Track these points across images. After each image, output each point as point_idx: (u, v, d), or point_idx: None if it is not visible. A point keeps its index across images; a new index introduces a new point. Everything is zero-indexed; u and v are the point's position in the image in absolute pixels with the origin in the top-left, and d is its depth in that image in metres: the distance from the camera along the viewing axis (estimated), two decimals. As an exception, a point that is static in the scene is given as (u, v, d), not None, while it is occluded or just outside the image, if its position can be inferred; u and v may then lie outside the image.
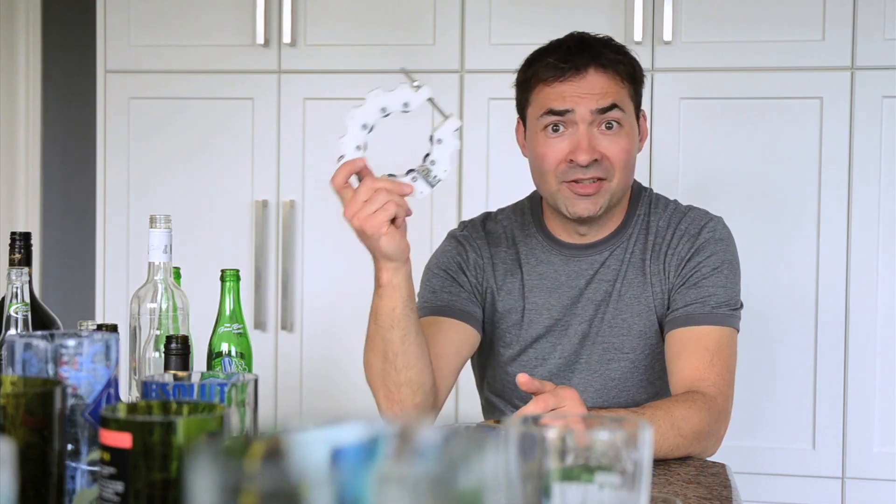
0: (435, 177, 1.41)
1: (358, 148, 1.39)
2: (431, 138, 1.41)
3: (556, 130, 1.62)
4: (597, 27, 2.34)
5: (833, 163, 2.30)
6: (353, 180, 1.41)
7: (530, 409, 1.27)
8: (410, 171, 1.41)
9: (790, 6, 2.31)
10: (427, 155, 1.41)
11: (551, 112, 1.62)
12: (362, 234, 1.41)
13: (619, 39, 2.31)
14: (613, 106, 1.61)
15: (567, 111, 1.60)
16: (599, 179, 1.62)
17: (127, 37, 2.55)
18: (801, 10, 2.31)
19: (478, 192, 2.42)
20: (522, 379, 1.30)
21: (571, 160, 1.60)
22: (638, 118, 1.68)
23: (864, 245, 2.29)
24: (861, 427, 2.29)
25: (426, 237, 2.44)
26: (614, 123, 1.61)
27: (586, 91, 1.60)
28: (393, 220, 1.40)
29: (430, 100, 1.39)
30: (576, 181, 1.61)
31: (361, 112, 1.38)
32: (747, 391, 2.28)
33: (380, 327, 1.52)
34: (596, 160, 1.60)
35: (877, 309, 2.29)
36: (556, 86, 1.62)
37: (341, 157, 1.39)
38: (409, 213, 1.42)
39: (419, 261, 2.19)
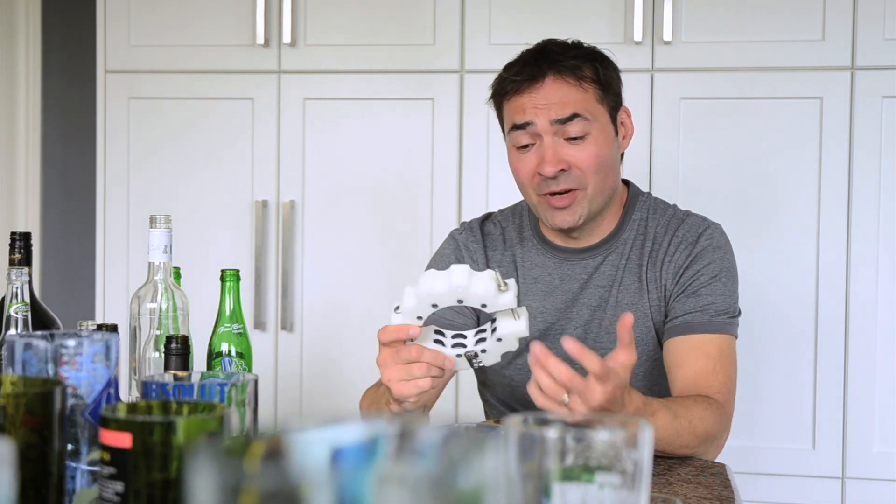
0: (480, 363, 1.35)
1: (419, 318, 1.31)
2: (493, 324, 1.32)
3: (525, 145, 1.62)
4: (596, 27, 2.35)
5: (833, 163, 2.30)
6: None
7: (556, 374, 1.22)
8: (458, 345, 1.33)
9: (790, 6, 2.31)
10: (482, 338, 1.33)
11: (515, 127, 1.61)
12: (391, 390, 1.35)
13: (618, 39, 2.34)
14: (574, 116, 1.58)
15: (528, 124, 1.59)
16: (572, 190, 1.60)
17: (127, 37, 2.55)
18: (801, 10, 2.31)
19: (478, 192, 2.42)
20: (567, 342, 1.21)
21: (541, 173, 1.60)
22: (615, 119, 1.65)
23: (864, 245, 2.29)
24: (861, 427, 2.29)
25: (426, 237, 2.44)
26: (580, 133, 1.59)
27: (543, 101, 1.58)
28: None
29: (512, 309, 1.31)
30: (551, 194, 1.61)
31: (438, 289, 1.27)
32: (748, 391, 2.28)
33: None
34: (563, 170, 1.59)
35: (877, 309, 2.29)
36: (515, 99, 1.61)
37: (397, 307, 1.31)
38: (442, 383, 1.36)
39: (419, 261, 2.20)
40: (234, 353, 1.49)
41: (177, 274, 1.56)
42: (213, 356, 1.50)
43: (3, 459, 0.57)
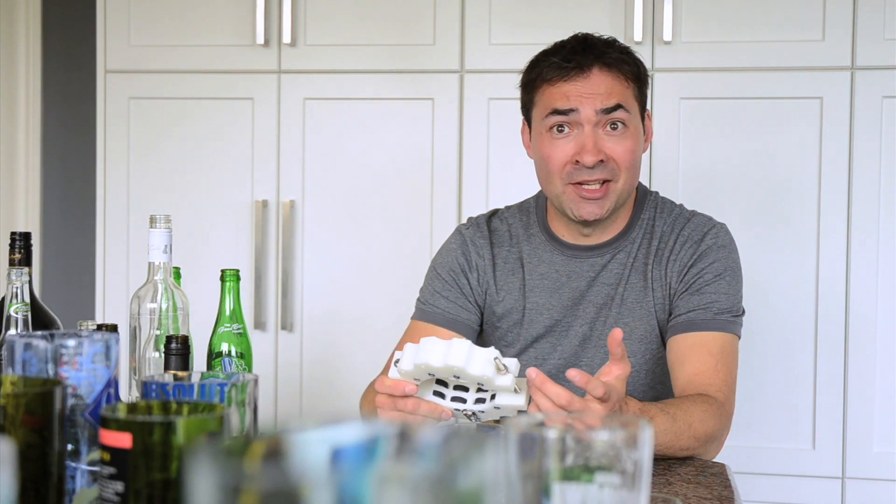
0: (477, 420, 1.36)
1: (416, 380, 1.32)
2: (493, 392, 1.32)
3: (560, 131, 1.62)
4: (597, 27, 2.34)
5: (833, 163, 2.30)
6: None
7: (561, 398, 1.23)
8: (458, 399, 1.34)
9: (790, 6, 2.31)
10: (481, 399, 1.34)
11: (556, 112, 1.61)
12: None
13: (618, 39, 2.34)
14: (618, 106, 1.60)
15: (571, 111, 1.60)
16: (606, 181, 1.62)
17: (127, 37, 2.55)
18: (801, 11, 2.31)
19: (478, 192, 2.42)
20: (571, 373, 1.24)
21: (577, 161, 1.60)
22: (643, 118, 1.68)
23: (865, 245, 2.29)
24: (861, 427, 2.29)
25: (426, 237, 2.44)
26: (619, 124, 1.61)
27: (590, 91, 1.60)
28: None
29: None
30: (581, 183, 1.61)
31: (434, 363, 1.28)
32: (748, 391, 2.28)
33: None
34: (601, 161, 1.60)
35: (877, 309, 2.29)
36: (560, 85, 1.62)
37: (397, 361, 1.33)
38: None
39: (419, 261, 2.19)
40: (234, 353, 1.49)
41: (177, 274, 1.56)
42: (213, 356, 1.50)
43: (3, 459, 0.57)
